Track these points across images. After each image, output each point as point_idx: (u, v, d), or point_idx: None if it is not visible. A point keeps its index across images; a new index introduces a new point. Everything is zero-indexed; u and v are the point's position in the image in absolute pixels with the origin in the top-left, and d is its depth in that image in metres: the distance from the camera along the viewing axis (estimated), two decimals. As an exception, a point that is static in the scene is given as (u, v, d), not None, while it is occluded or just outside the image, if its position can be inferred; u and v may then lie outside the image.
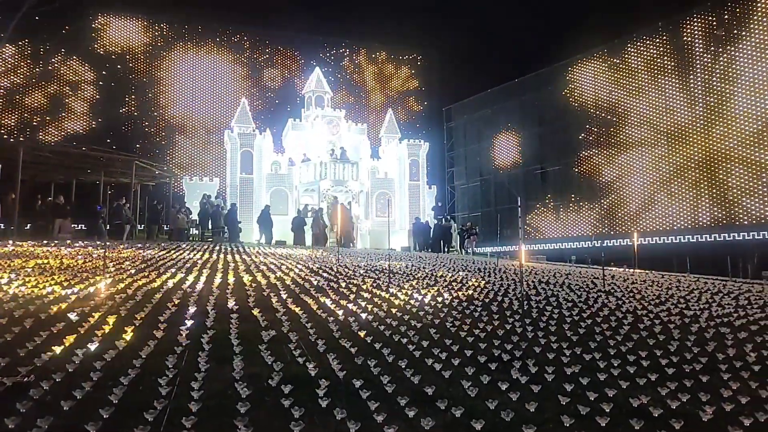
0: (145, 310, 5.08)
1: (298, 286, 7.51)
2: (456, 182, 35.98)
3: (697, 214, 21.01)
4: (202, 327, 4.62)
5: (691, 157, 21.99)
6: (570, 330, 5.03)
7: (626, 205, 24.15)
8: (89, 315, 4.84)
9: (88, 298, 5.74)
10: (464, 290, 7.75)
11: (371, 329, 4.97)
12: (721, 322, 5.37)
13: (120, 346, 3.87)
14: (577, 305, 6.44)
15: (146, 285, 6.74)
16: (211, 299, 5.90)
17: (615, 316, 5.69)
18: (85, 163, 20.01)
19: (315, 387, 3.32)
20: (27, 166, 16.79)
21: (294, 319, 5.21)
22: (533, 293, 7.52)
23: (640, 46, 24.61)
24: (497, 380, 3.55)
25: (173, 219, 19.03)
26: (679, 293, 7.72)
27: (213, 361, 3.71)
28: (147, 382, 3.25)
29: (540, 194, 29.32)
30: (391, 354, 4.12)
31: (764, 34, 20.03)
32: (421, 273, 10.06)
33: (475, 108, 34.37)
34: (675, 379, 3.50)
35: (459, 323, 5.34)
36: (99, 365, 3.41)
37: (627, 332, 4.89)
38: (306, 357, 3.95)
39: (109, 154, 18.84)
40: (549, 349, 4.37)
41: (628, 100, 25.01)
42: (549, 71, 29.16)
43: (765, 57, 19.81)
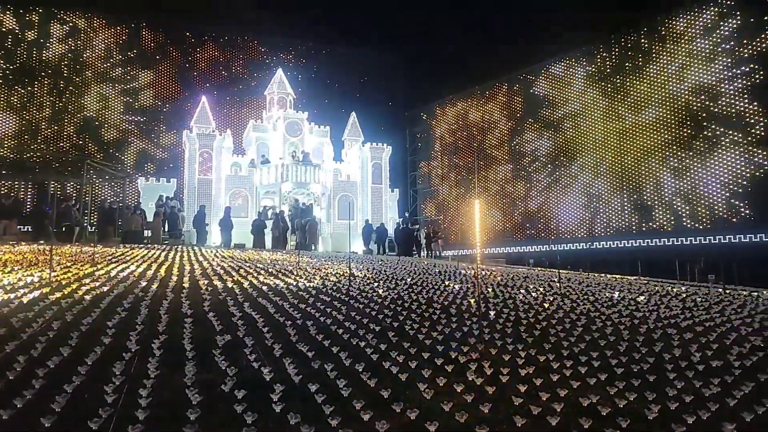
0: (93, 315, 4.88)
1: (255, 289, 7.38)
2: (419, 185, 36.28)
3: (648, 219, 21.92)
4: (153, 332, 4.47)
5: (631, 164, 23.02)
6: (525, 332, 5.14)
7: (581, 210, 24.93)
8: (33, 320, 4.61)
9: (33, 303, 5.47)
10: (424, 293, 7.80)
11: (329, 333, 4.94)
12: (668, 324, 5.60)
13: (64, 352, 3.70)
14: (533, 307, 6.58)
15: (95, 289, 6.48)
16: (164, 303, 5.72)
17: (569, 318, 5.85)
18: (33, 163, 19.15)
19: (269, 392, 3.27)
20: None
21: (250, 324, 5.12)
22: (491, 296, 7.65)
23: (581, 59, 25.75)
24: (453, 382, 3.58)
25: (127, 220, 18.39)
26: (630, 296, 8.02)
27: (164, 367, 3.60)
28: (92, 389, 3.12)
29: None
30: (349, 358, 4.10)
31: (669, 58, 21.55)
32: (381, 276, 10.07)
33: (438, 113, 34.80)
34: (623, 378, 3.62)
35: (417, 326, 5.37)
36: (41, 372, 3.25)
37: (580, 334, 5.03)
38: (261, 362, 3.88)
39: (58, 153, 18.04)
40: (505, 351, 4.44)
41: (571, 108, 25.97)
42: (507, 79, 29.92)
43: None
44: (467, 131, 32.56)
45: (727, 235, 18.53)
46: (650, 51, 22.85)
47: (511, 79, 29.81)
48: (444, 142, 34.26)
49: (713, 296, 8.18)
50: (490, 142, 30.93)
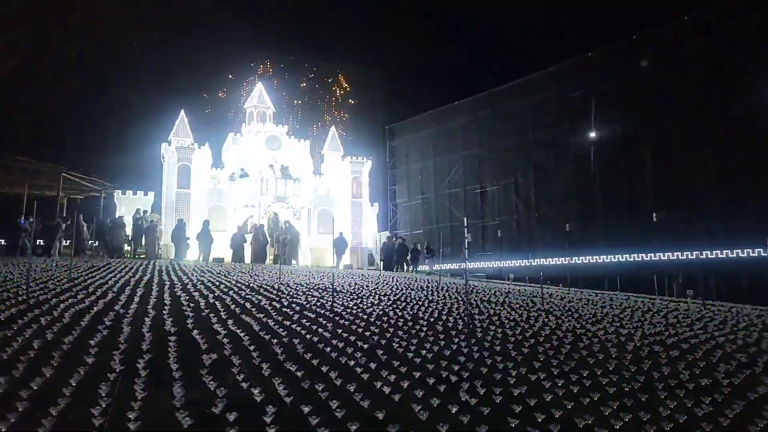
0: (74, 333, 4.72)
1: (238, 306, 7.25)
2: (398, 200, 36.38)
3: (624, 234, 22.35)
4: (137, 351, 4.34)
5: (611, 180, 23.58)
6: (514, 350, 5.15)
7: (561, 224, 25.30)
8: (12, 339, 4.43)
9: (11, 320, 5.26)
10: (408, 309, 7.77)
11: (317, 351, 4.87)
12: (654, 341, 5.69)
13: (47, 373, 3.55)
14: (519, 324, 6.61)
15: (74, 306, 6.28)
16: (146, 320, 5.57)
17: (556, 335, 5.89)
18: (8, 174, 18.61)
19: (262, 414, 3.19)
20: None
21: (236, 341, 5.02)
22: (476, 312, 7.67)
23: (573, 73, 26.19)
24: (447, 403, 3.56)
25: (115, 235, 17.94)
26: (612, 311, 8.13)
27: (151, 387, 3.49)
28: (78, 411, 3.00)
29: (479, 213, 30.18)
30: (339, 377, 4.04)
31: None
32: (364, 291, 10.01)
33: (417, 128, 35.07)
34: (616, 398, 3.64)
35: (405, 344, 5.34)
36: (25, 394, 3.11)
37: (568, 351, 5.06)
38: (250, 382, 3.80)
39: (34, 164, 17.57)
40: (495, 370, 4.44)
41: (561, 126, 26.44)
42: (487, 95, 30.37)
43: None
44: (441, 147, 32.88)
45: (704, 251, 18.93)
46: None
47: (489, 95, 30.24)
48: (421, 156, 34.48)
49: (694, 312, 8.36)
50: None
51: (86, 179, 20.45)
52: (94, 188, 22.29)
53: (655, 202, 21.93)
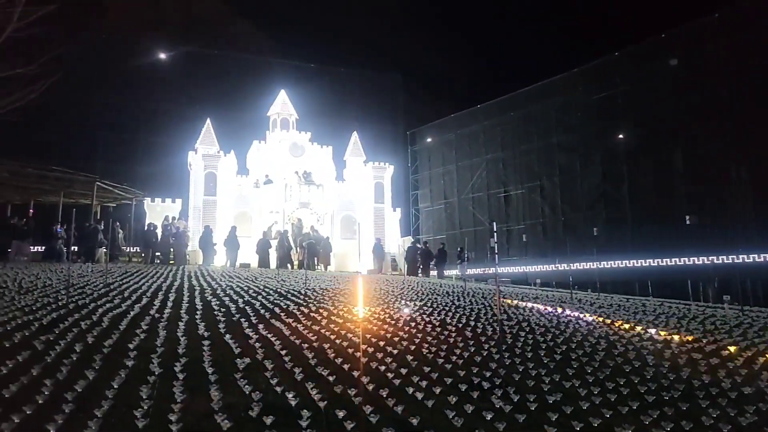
0: (113, 337, 4.84)
1: (267, 310, 7.33)
2: (420, 205, 36.30)
3: (655, 238, 21.83)
4: (174, 355, 4.43)
5: (646, 183, 23.02)
6: (546, 356, 5.09)
7: (588, 228, 24.88)
8: (55, 342, 4.57)
9: (53, 324, 5.43)
10: (436, 315, 7.74)
11: (347, 356, 4.89)
12: (692, 348, 5.55)
13: (90, 375, 3.66)
14: (549, 330, 6.53)
15: (112, 310, 6.44)
16: (180, 325, 5.68)
17: (588, 341, 5.80)
18: (44, 184, 19.20)
19: (297, 418, 3.22)
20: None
21: (268, 346, 5.08)
22: (504, 318, 7.59)
23: (593, 76, 25.78)
24: (481, 409, 3.53)
25: (172, 243, 18.47)
26: (646, 317, 7.96)
27: (188, 390, 3.55)
28: (121, 413, 3.08)
29: (503, 217, 29.91)
30: (371, 382, 4.05)
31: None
32: (389, 297, 10.01)
33: (439, 132, 34.97)
34: (656, 407, 3.56)
35: (435, 349, 5.32)
36: (70, 396, 3.21)
37: (602, 358, 4.98)
38: (284, 386, 3.84)
39: (69, 174, 18.08)
40: (528, 376, 4.39)
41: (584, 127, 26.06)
42: (510, 98, 30.12)
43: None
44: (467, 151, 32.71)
45: (740, 254, 18.30)
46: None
47: (513, 97, 29.98)
48: (445, 161, 34.37)
49: (732, 318, 8.12)
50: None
51: (118, 187, 20.95)
52: (125, 196, 22.81)
53: (688, 204, 21.40)
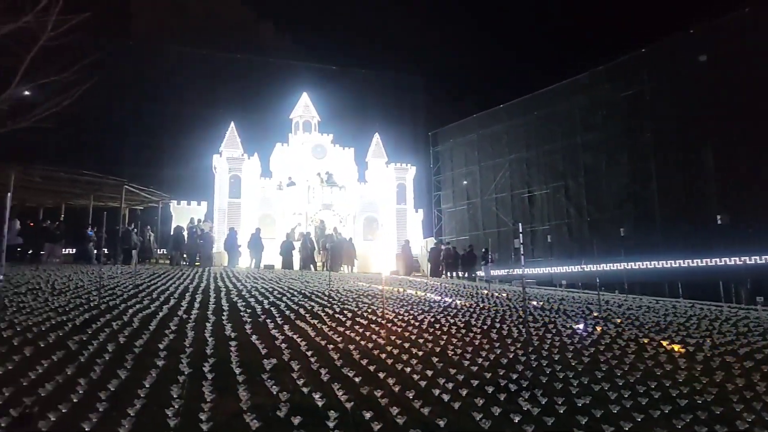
0: (144, 337, 4.95)
1: (292, 311, 7.40)
2: (443, 206, 36.17)
3: (686, 238, 21.29)
4: (202, 355, 4.50)
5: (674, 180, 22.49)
6: (574, 359, 5.01)
7: (615, 229, 24.42)
8: (88, 342, 4.69)
9: (85, 324, 5.57)
10: (460, 316, 7.70)
11: (372, 357, 4.90)
12: (725, 351, 5.40)
13: (122, 374, 3.74)
14: (576, 332, 6.43)
15: (141, 311, 6.58)
16: (208, 326, 5.77)
17: (617, 344, 5.69)
18: (74, 188, 19.77)
19: (324, 418, 3.24)
20: (17, 191, 16.55)
21: (294, 347, 5.12)
22: (530, 319, 7.51)
23: (618, 73, 25.28)
24: (508, 411, 3.50)
25: (198, 245, 18.87)
26: (677, 319, 7.78)
27: (217, 390, 3.61)
28: (153, 412, 3.14)
29: (528, 218, 29.60)
30: (397, 384, 4.05)
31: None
32: (413, 298, 10.00)
33: (461, 132, 34.79)
34: (689, 411, 3.48)
35: (460, 351, 5.29)
36: (104, 395, 3.29)
37: (632, 361, 4.88)
38: (311, 387, 3.87)
39: (98, 177, 18.58)
40: (555, 379, 4.33)
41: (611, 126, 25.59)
42: (533, 98, 29.78)
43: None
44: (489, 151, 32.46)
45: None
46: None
47: (536, 97, 29.65)
48: (468, 161, 34.17)
49: (766, 320, 7.88)
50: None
51: (146, 191, 21.43)
52: (152, 199, 23.30)
53: (719, 203, 20.84)
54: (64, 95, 10.23)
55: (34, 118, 10.17)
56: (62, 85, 10.09)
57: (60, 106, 10.26)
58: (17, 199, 18.89)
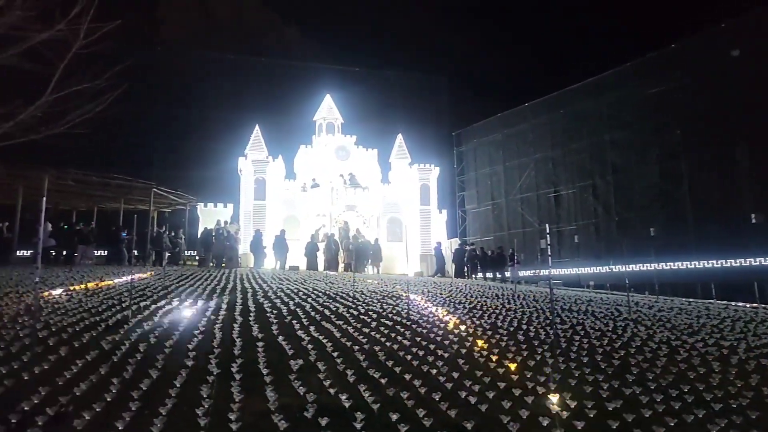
0: (174, 338, 5.05)
1: (318, 313, 7.44)
2: (467, 206, 35.92)
3: (718, 238, 20.67)
4: (230, 356, 4.57)
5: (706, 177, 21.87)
6: (603, 361, 4.92)
7: (645, 229, 23.88)
8: (121, 342, 4.81)
9: (118, 324, 5.71)
10: (486, 318, 7.64)
11: (398, 359, 4.89)
12: (761, 353, 5.23)
13: (154, 374, 3.83)
14: (605, 335, 6.31)
15: (171, 312, 6.72)
16: (235, 327, 5.86)
17: (648, 346, 5.56)
18: (106, 191, 20.35)
19: (351, 419, 3.25)
20: (51, 194, 17.16)
21: (319, 348, 5.15)
22: (558, 321, 7.40)
23: (645, 69, 24.68)
24: (537, 415, 3.46)
25: (225, 247, 19.23)
26: (710, 321, 7.56)
27: (245, 391, 3.66)
28: (184, 411, 3.20)
29: (554, 218, 29.18)
30: (423, 386, 4.04)
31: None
32: (439, 300, 9.95)
33: (485, 132, 34.48)
34: (723, 415, 3.38)
35: (486, 353, 5.25)
36: (136, 395, 3.37)
37: (665, 364, 4.76)
38: (337, 387, 3.88)
39: (128, 181, 19.10)
40: (585, 382, 4.26)
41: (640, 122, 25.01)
42: (558, 96, 29.33)
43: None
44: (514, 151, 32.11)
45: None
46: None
47: (563, 94, 29.20)
48: (492, 162, 33.87)
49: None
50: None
51: (174, 194, 21.89)
52: (180, 201, 23.78)
53: (754, 202, 20.19)
54: (96, 101, 10.53)
55: (67, 125, 10.50)
56: (94, 91, 10.40)
57: (92, 112, 10.56)
58: (51, 203, 19.54)
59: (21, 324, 5.53)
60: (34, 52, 10.09)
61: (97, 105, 10.56)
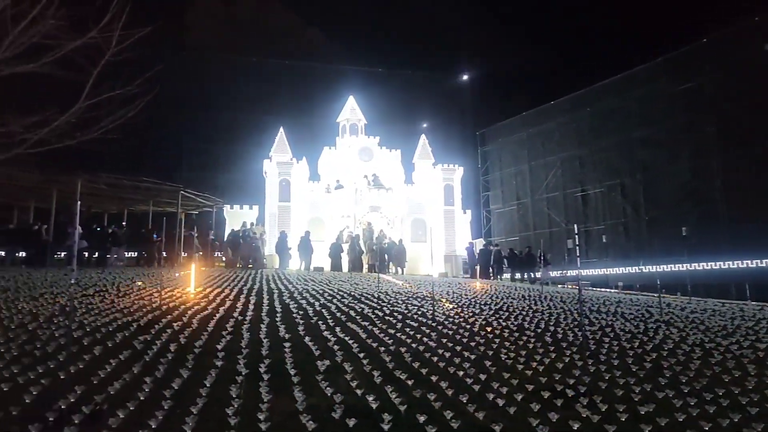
0: (203, 338, 5.14)
1: (343, 313, 7.48)
2: (492, 206, 35.61)
3: (754, 237, 20.00)
4: (258, 356, 4.63)
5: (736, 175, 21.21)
6: (634, 364, 4.82)
7: (676, 228, 23.28)
8: (152, 342, 4.92)
9: (149, 325, 5.85)
10: (513, 319, 7.56)
11: (424, 360, 4.88)
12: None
13: (184, 374, 3.90)
14: (636, 336, 6.18)
15: (199, 312, 6.84)
16: (262, 327, 5.93)
17: (681, 349, 5.42)
18: (136, 194, 20.88)
19: (378, 420, 3.26)
20: (84, 198, 17.67)
21: (346, 348, 5.18)
22: (586, 323, 7.27)
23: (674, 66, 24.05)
24: (567, 418, 3.41)
25: (251, 248, 19.55)
26: (745, 323, 7.33)
27: (273, 391, 3.70)
28: (214, 411, 3.26)
29: (581, 218, 28.69)
30: (450, 387, 4.02)
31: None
32: (464, 300, 9.89)
33: (510, 131, 34.13)
34: (761, 420, 3.28)
35: (514, 355, 5.19)
36: (167, 393, 3.44)
37: (698, 367, 4.64)
38: (364, 388, 3.89)
39: (157, 184, 19.56)
40: (615, 385, 4.18)
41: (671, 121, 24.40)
42: (585, 93, 28.83)
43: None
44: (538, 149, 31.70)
45: None
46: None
47: (590, 91, 28.68)
48: (517, 161, 33.50)
49: None
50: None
51: (201, 196, 22.30)
52: (207, 204, 24.19)
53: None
54: (127, 107, 10.83)
55: (100, 130, 10.82)
56: (125, 96, 10.70)
57: (124, 117, 10.87)
58: (84, 206, 20.12)
59: (56, 324, 5.70)
60: (68, 60, 10.42)
61: (128, 110, 10.85)
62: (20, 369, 4.01)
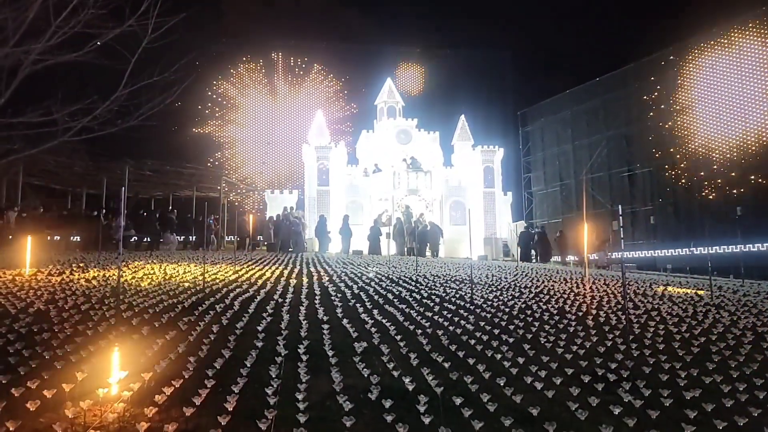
0: (244, 320, 5.29)
1: (381, 296, 7.53)
2: (533, 188, 34.89)
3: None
4: (297, 337, 4.73)
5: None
6: (681, 349, 4.65)
7: (729, 208, 22.20)
8: (196, 324, 5.10)
9: (193, 306, 6.06)
10: (553, 302, 7.42)
11: (461, 343, 4.86)
12: None
13: (226, 354, 4.03)
14: (684, 320, 5.95)
15: (241, 294, 7.04)
16: (302, 309, 6.04)
17: (731, 333, 5.20)
18: (180, 180, 21.59)
19: (414, 402, 3.28)
20: (130, 184, 18.41)
21: (383, 331, 5.21)
22: (631, 306, 7.07)
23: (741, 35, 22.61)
24: (607, 402, 3.33)
25: (291, 232, 19.98)
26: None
27: (311, 371, 3.77)
28: (254, 390, 3.36)
29: (628, 198, 27.74)
30: (487, 370, 4.00)
31: None
32: (503, 284, 9.78)
33: (552, 110, 33.17)
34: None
35: (554, 338, 5.10)
36: (210, 373, 3.56)
37: (749, 352, 4.44)
38: (400, 370, 3.92)
39: (200, 170, 20.17)
40: (660, 370, 4.05)
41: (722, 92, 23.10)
42: (633, 67, 27.59)
43: None
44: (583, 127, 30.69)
45: None
46: None
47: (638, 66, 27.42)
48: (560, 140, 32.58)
49: None
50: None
51: (242, 181, 22.82)
52: (248, 189, 24.75)
53: None
54: (165, 94, 11.15)
55: (140, 117, 11.19)
56: (164, 83, 11.00)
57: (163, 104, 11.20)
58: (131, 192, 20.94)
59: (107, 305, 5.99)
60: (108, 49, 10.78)
61: (167, 97, 11.16)
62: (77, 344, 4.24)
